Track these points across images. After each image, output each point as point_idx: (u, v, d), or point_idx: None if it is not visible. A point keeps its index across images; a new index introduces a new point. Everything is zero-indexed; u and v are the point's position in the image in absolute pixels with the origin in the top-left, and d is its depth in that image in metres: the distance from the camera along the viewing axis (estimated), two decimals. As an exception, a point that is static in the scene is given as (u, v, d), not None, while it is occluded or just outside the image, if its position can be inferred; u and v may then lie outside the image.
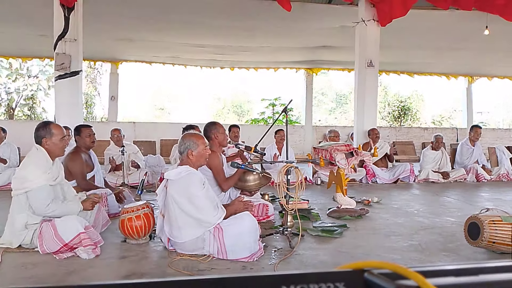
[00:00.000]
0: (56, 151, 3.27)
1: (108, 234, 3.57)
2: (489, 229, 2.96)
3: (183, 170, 3.04)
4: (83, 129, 4.62)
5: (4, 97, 17.40)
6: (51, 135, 3.22)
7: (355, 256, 3.16)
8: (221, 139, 3.98)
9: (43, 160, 3.17)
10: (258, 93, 20.94)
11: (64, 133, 3.34)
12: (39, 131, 3.24)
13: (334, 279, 0.47)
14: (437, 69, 13.85)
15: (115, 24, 8.83)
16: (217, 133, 3.95)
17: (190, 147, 3.11)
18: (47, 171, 3.15)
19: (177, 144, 7.22)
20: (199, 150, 3.13)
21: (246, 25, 8.95)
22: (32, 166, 3.14)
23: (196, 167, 3.14)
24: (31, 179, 3.07)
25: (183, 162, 3.15)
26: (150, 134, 12.15)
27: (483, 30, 7.79)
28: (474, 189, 6.87)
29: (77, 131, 4.62)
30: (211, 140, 3.91)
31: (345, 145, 4.67)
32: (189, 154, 3.11)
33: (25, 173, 3.12)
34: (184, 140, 3.17)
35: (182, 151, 3.15)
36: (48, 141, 3.22)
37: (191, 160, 3.12)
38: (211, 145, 3.83)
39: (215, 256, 2.98)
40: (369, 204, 5.15)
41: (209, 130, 3.97)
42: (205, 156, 3.19)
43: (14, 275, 2.70)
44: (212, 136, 3.93)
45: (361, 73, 7.98)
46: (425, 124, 22.33)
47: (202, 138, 3.23)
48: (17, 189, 3.13)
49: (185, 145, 3.14)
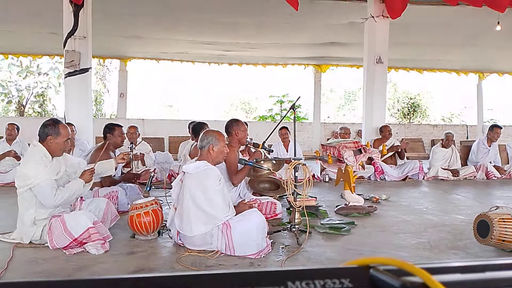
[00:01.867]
0: (57, 151, 3.27)
1: (117, 230, 3.60)
2: (498, 227, 2.94)
3: (201, 165, 3.09)
4: (116, 128, 4.63)
5: (15, 94, 17.57)
6: (57, 135, 3.23)
7: (363, 253, 3.15)
8: (241, 136, 4.12)
9: (40, 156, 3.17)
10: (266, 90, 20.88)
11: (68, 135, 3.34)
12: (47, 128, 3.24)
13: (339, 275, 0.47)
14: (447, 65, 13.69)
15: (123, 21, 8.87)
16: (238, 130, 4.08)
17: (212, 142, 3.18)
18: (46, 165, 3.16)
19: (184, 142, 7.26)
20: (219, 146, 3.20)
21: (254, 22, 8.93)
22: (31, 163, 3.16)
23: (214, 163, 3.19)
24: (33, 175, 3.10)
25: (202, 157, 3.19)
26: (159, 131, 12.20)
27: (494, 26, 7.68)
28: (484, 186, 6.81)
29: (110, 129, 4.60)
30: (231, 136, 4.08)
31: (353, 142, 4.65)
32: (210, 149, 3.17)
33: (26, 170, 3.15)
34: (206, 135, 3.23)
35: (203, 146, 3.20)
36: (53, 139, 3.22)
37: (211, 156, 3.17)
38: (230, 140, 4.02)
39: (223, 252, 3.00)
40: (378, 202, 5.12)
41: (230, 126, 4.13)
42: (224, 154, 3.27)
43: (25, 270, 2.74)
44: (233, 132, 4.08)
45: (370, 69, 7.92)
46: (434, 121, 22.12)
47: (223, 136, 3.33)
48: (21, 186, 3.16)
49: (207, 140, 3.19)
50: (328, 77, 23.04)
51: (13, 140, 6.86)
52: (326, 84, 23.23)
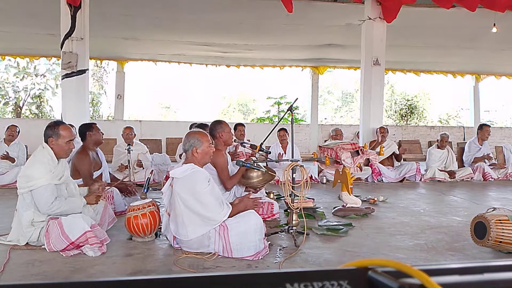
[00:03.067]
0: (61, 153, 3.27)
1: (114, 231, 3.59)
2: (495, 228, 2.94)
3: (188, 168, 3.05)
4: (93, 125, 4.63)
5: (12, 96, 17.52)
6: (58, 136, 3.23)
7: (361, 255, 3.15)
8: (226, 137, 3.99)
9: (48, 159, 3.18)
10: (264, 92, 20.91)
11: (72, 136, 3.33)
12: (48, 130, 3.26)
13: (337, 277, 0.47)
14: (444, 67, 13.73)
15: (121, 22, 8.86)
16: (222, 132, 3.97)
17: (194, 145, 3.12)
18: (51, 170, 3.16)
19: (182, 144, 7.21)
20: (203, 147, 3.14)
21: (252, 23, 8.94)
22: (38, 165, 3.16)
23: (201, 164, 3.15)
24: (36, 178, 3.09)
25: (188, 160, 3.16)
26: (156, 132, 12.18)
27: (490, 28, 7.71)
28: (481, 188, 6.83)
29: (88, 127, 4.58)
30: (216, 138, 3.95)
31: (350, 144, 4.66)
32: (194, 152, 3.12)
33: (30, 172, 3.14)
34: (188, 138, 3.17)
35: (187, 149, 3.16)
36: (54, 141, 3.23)
37: (196, 158, 3.12)
38: (216, 143, 3.86)
39: (220, 254, 2.99)
40: (375, 203, 5.13)
41: (214, 129, 4.00)
42: (209, 154, 3.20)
43: (22, 272, 2.72)
44: (217, 135, 3.96)
45: (367, 71, 7.94)
46: (431, 123, 22.19)
47: (207, 136, 3.24)
48: (22, 187, 3.15)
49: (189, 143, 3.14)
50: (326, 79, 23.11)
51: (12, 141, 6.84)
52: (323, 86, 23.30)
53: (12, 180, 6.33)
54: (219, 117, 20.88)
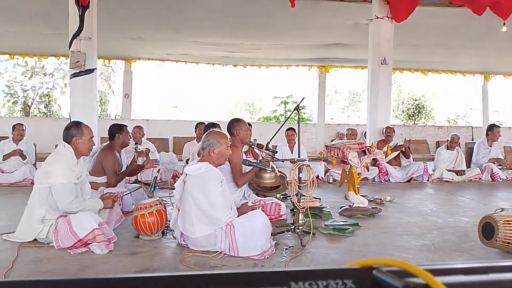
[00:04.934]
0: (84, 150, 3.38)
1: (121, 230, 3.62)
2: (503, 229, 2.92)
3: (202, 166, 3.09)
4: (124, 127, 4.68)
5: (20, 95, 17.67)
6: (81, 135, 3.34)
7: (367, 255, 3.14)
8: (243, 136, 4.07)
9: (68, 157, 3.27)
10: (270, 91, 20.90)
11: (92, 134, 3.45)
12: (71, 129, 3.34)
13: (342, 276, 0.47)
14: (452, 67, 13.63)
15: (128, 22, 8.91)
16: (240, 130, 4.04)
17: (212, 145, 3.17)
18: (72, 169, 3.24)
19: (189, 143, 7.24)
20: (221, 149, 3.18)
21: (259, 23, 8.93)
22: (59, 163, 3.23)
23: (215, 165, 3.18)
24: (57, 175, 3.17)
25: (203, 159, 3.20)
26: (163, 131, 12.24)
27: (499, 27, 7.64)
28: (489, 188, 6.77)
29: (119, 129, 4.62)
30: (234, 136, 4.03)
31: (357, 144, 4.64)
32: (211, 151, 3.16)
33: (51, 169, 3.21)
34: (208, 137, 3.22)
35: (205, 147, 3.20)
36: (79, 140, 3.33)
37: (211, 158, 3.16)
38: (233, 140, 3.97)
39: (226, 253, 3.00)
40: (382, 203, 5.11)
41: (232, 126, 4.08)
42: (225, 156, 3.25)
43: (30, 269, 2.75)
44: (235, 133, 4.04)
45: (375, 71, 7.90)
46: (439, 123, 22.04)
47: (226, 138, 3.29)
48: (41, 182, 3.21)
49: (208, 142, 3.19)
50: (333, 78, 23.03)
51: (20, 140, 6.91)
52: (330, 85, 23.22)
53: (21, 178, 6.40)
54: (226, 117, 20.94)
